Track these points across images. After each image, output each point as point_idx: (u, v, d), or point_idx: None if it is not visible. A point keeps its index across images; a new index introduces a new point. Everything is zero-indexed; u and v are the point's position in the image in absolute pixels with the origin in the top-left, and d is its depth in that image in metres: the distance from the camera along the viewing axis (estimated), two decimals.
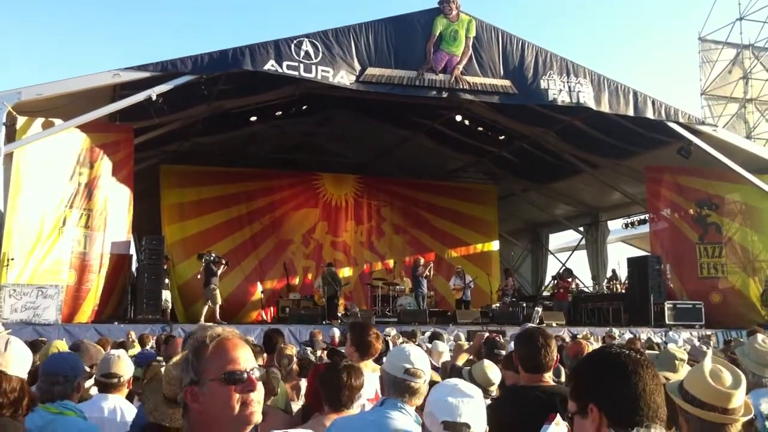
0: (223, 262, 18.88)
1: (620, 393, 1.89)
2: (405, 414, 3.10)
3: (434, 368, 6.41)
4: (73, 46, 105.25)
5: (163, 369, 3.55)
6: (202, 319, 17.62)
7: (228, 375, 1.91)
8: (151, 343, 10.16)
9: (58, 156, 15.61)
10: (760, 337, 4.37)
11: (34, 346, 6.75)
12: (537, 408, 3.56)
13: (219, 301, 18.33)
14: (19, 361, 2.97)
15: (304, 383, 5.95)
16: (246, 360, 1.96)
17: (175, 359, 3.28)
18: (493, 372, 4.83)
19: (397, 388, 3.24)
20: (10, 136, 14.63)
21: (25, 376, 3.00)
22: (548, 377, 3.77)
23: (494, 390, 4.68)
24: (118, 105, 15.64)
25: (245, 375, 1.93)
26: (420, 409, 3.51)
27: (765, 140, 27.69)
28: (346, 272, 24.06)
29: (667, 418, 1.96)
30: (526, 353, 3.79)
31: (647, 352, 5.39)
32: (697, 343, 9.90)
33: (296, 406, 5.52)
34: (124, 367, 4.53)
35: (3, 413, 2.94)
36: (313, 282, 22.98)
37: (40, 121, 15.08)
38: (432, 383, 4.41)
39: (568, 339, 11.02)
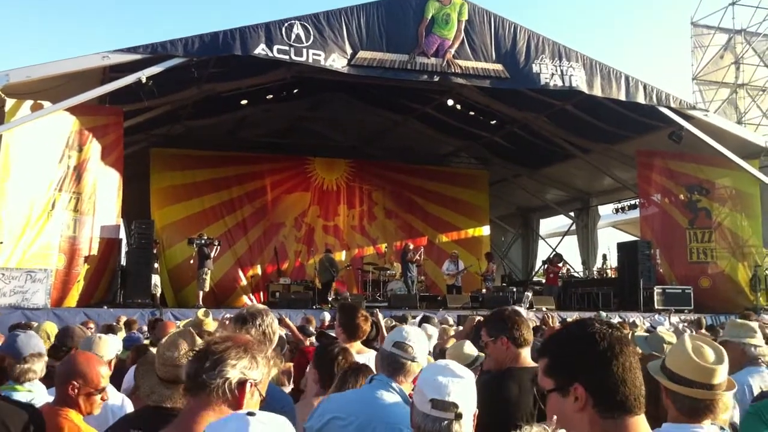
0: (215, 243, 18.94)
1: (607, 374, 1.85)
2: (391, 392, 3.10)
3: None
4: (63, 28, 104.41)
5: (154, 351, 3.54)
6: (200, 302, 17.59)
7: None
8: (138, 326, 10.17)
9: (47, 139, 15.50)
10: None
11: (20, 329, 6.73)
12: (523, 389, 3.57)
13: (206, 287, 18.38)
14: None
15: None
16: None
17: (165, 340, 3.28)
18: (466, 354, 4.85)
19: (385, 361, 3.25)
20: None
21: None
22: (526, 354, 3.76)
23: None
24: (108, 87, 15.52)
25: None
26: None
27: (756, 125, 27.65)
28: (342, 257, 24.08)
29: (646, 398, 1.95)
30: (503, 329, 3.78)
31: (638, 334, 5.43)
32: (681, 327, 9.94)
33: (286, 390, 5.52)
34: (106, 348, 4.50)
35: None
36: (305, 266, 23.07)
37: (29, 103, 14.94)
38: None
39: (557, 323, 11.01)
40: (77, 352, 3.89)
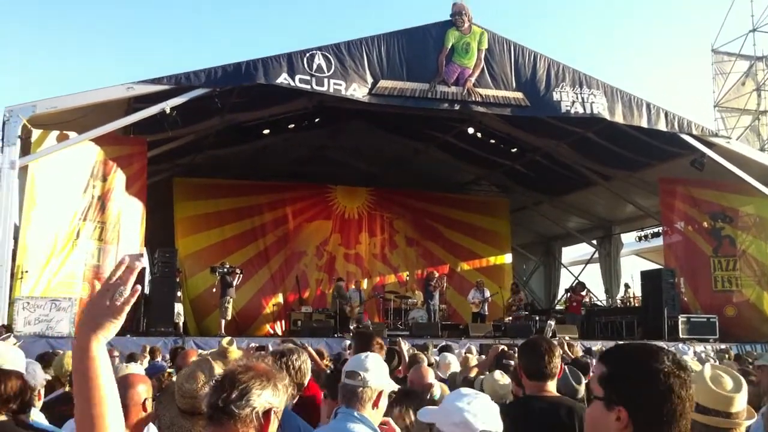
0: (238, 271, 19.00)
1: (658, 413, 1.85)
2: (356, 422, 3.12)
3: (441, 380, 6.44)
4: (88, 60, 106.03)
5: (174, 381, 3.57)
6: (222, 330, 17.67)
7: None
8: (161, 354, 10.20)
9: (72, 169, 15.69)
10: None
11: (45, 359, 6.78)
12: (540, 419, 3.58)
13: (229, 315, 18.43)
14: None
15: None
16: None
17: (183, 372, 3.30)
18: (504, 384, 4.83)
19: (340, 393, 3.29)
20: (25, 149, 14.76)
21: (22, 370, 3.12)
22: (551, 386, 3.77)
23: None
24: (132, 118, 15.72)
25: None
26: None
27: None
28: (364, 285, 24.09)
29: None
30: (529, 361, 3.83)
31: None
32: (711, 356, 9.83)
33: None
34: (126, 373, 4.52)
35: (6, 409, 3.02)
36: (326, 295, 23.05)
37: (54, 134, 15.16)
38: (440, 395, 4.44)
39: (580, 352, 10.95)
40: (131, 374, 3.92)
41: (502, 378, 4.96)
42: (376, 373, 3.26)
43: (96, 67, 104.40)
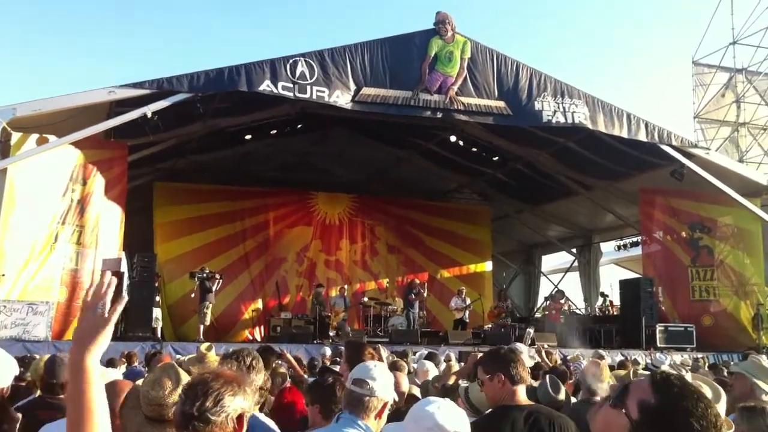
0: (217, 276, 18.93)
1: None
2: (357, 429, 3.13)
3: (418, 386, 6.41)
4: (70, 63, 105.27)
5: (140, 389, 3.53)
6: (201, 336, 17.62)
7: None
8: (138, 359, 10.15)
9: (52, 172, 15.58)
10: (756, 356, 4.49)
11: (23, 362, 6.73)
12: (519, 427, 3.59)
13: (207, 321, 18.34)
14: None
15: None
16: None
17: (148, 379, 3.26)
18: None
19: (346, 399, 3.29)
20: (5, 152, 14.63)
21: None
22: (521, 392, 3.78)
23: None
24: (113, 122, 15.62)
25: None
26: None
27: (757, 164, 27.80)
28: (345, 292, 24.07)
29: None
30: (499, 368, 3.81)
31: (639, 372, 5.39)
32: (687, 365, 9.90)
33: None
34: (108, 379, 4.49)
35: None
36: (306, 301, 22.97)
37: (34, 137, 15.03)
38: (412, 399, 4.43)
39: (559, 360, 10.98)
40: (119, 381, 3.91)
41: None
42: (383, 383, 3.26)
43: (78, 70, 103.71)
